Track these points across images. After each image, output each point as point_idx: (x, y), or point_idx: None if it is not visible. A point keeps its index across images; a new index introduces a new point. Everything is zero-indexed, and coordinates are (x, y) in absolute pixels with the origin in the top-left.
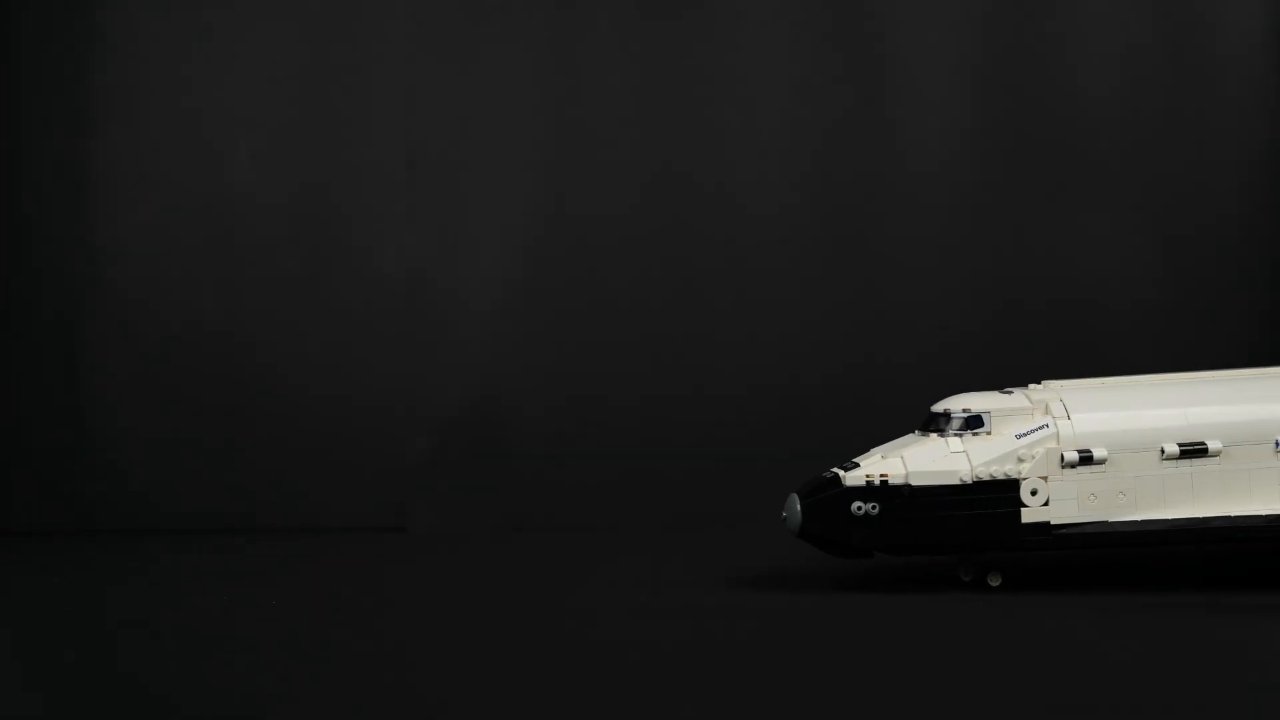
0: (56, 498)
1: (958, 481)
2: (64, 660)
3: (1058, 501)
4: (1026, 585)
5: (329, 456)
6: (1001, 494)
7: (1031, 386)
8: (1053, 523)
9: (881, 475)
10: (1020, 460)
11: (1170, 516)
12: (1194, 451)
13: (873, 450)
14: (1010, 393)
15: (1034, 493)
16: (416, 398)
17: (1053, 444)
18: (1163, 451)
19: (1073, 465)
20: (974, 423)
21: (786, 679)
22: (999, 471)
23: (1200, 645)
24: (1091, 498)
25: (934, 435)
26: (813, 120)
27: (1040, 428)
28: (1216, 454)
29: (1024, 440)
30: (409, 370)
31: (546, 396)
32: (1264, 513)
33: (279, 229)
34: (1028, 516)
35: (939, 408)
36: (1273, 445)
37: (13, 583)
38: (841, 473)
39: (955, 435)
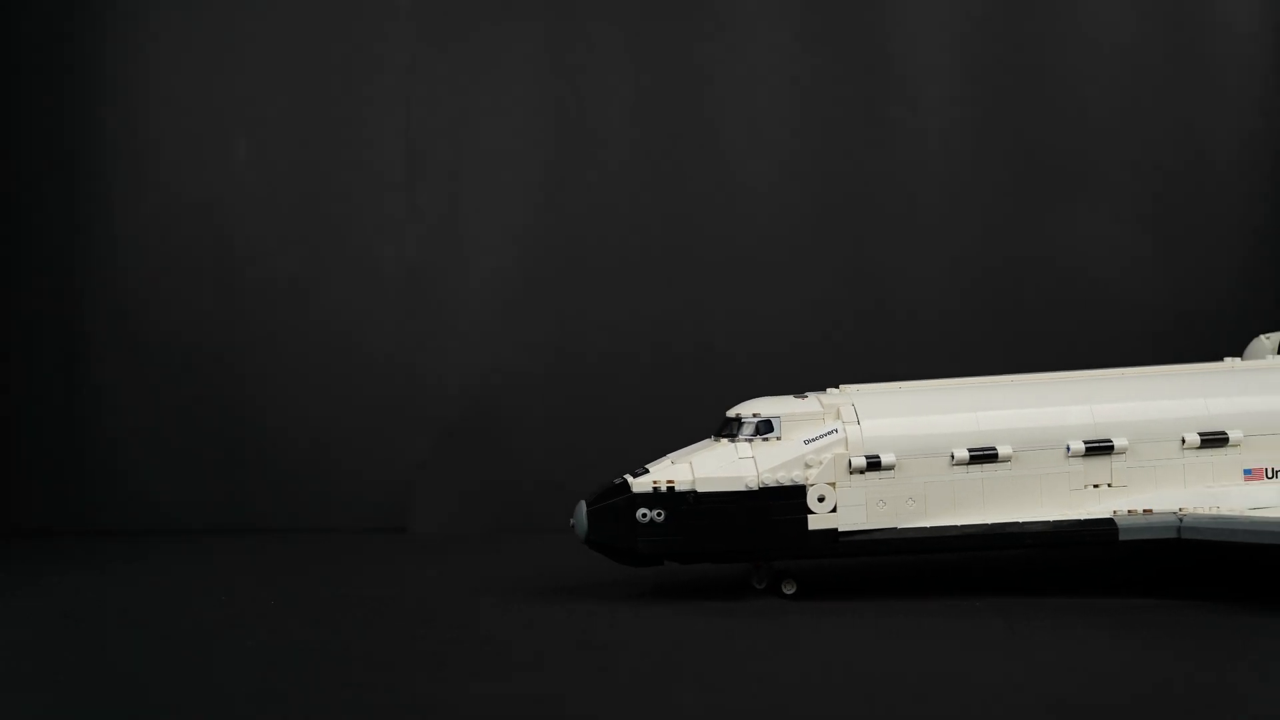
0: (56, 498)
1: (743, 488)
2: (64, 660)
3: (846, 508)
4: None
5: (329, 456)
6: (787, 500)
7: (829, 390)
8: (840, 530)
9: (668, 481)
10: (807, 466)
11: (961, 522)
12: (984, 457)
13: (667, 455)
14: (805, 397)
15: (821, 499)
16: (416, 398)
17: (841, 449)
18: (952, 457)
19: (861, 471)
20: (764, 428)
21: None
22: (785, 477)
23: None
24: (880, 504)
25: (725, 440)
26: (812, 120)
27: (829, 433)
28: (1007, 459)
29: (812, 446)
30: (409, 370)
31: (546, 396)
32: (1054, 518)
33: (279, 229)
34: (815, 523)
35: (732, 412)
36: (1064, 450)
37: (13, 583)
38: (631, 478)
39: (745, 441)
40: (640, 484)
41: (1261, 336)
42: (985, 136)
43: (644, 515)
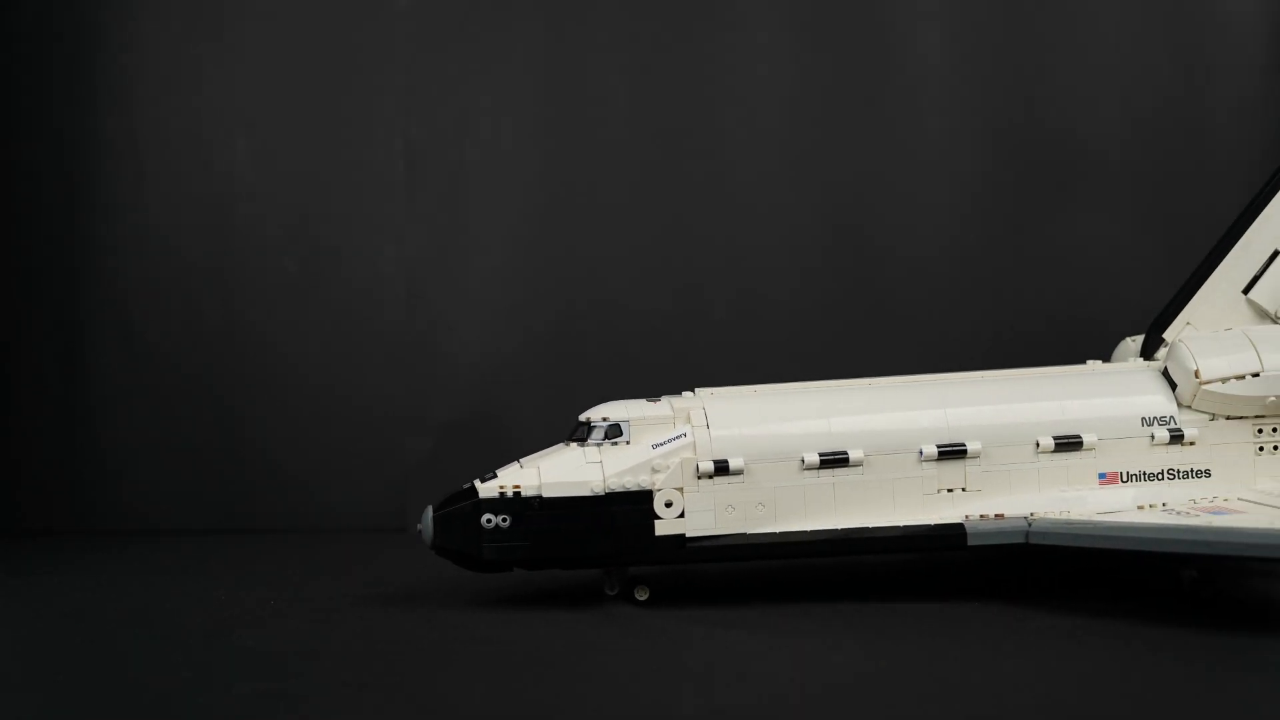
0: (56, 498)
1: (589, 493)
2: (64, 660)
3: (693, 513)
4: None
5: (329, 457)
6: (634, 505)
7: (684, 394)
8: (688, 535)
9: (515, 486)
10: (655, 471)
11: (811, 528)
12: (835, 461)
13: (519, 460)
14: (658, 400)
15: (669, 504)
16: (416, 398)
17: (689, 454)
18: (803, 461)
19: (709, 476)
20: (613, 432)
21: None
22: (631, 482)
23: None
24: (729, 509)
25: (575, 445)
26: (813, 121)
27: (677, 437)
28: (859, 463)
29: (660, 450)
30: (409, 370)
31: (546, 396)
32: (906, 523)
33: (279, 229)
34: (662, 529)
35: (583, 416)
36: (916, 454)
37: (13, 583)
38: (479, 483)
39: (595, 445)
40: (487, 489)
41: (1127, 339)
42: (984, 136)
43: (489, 521)
